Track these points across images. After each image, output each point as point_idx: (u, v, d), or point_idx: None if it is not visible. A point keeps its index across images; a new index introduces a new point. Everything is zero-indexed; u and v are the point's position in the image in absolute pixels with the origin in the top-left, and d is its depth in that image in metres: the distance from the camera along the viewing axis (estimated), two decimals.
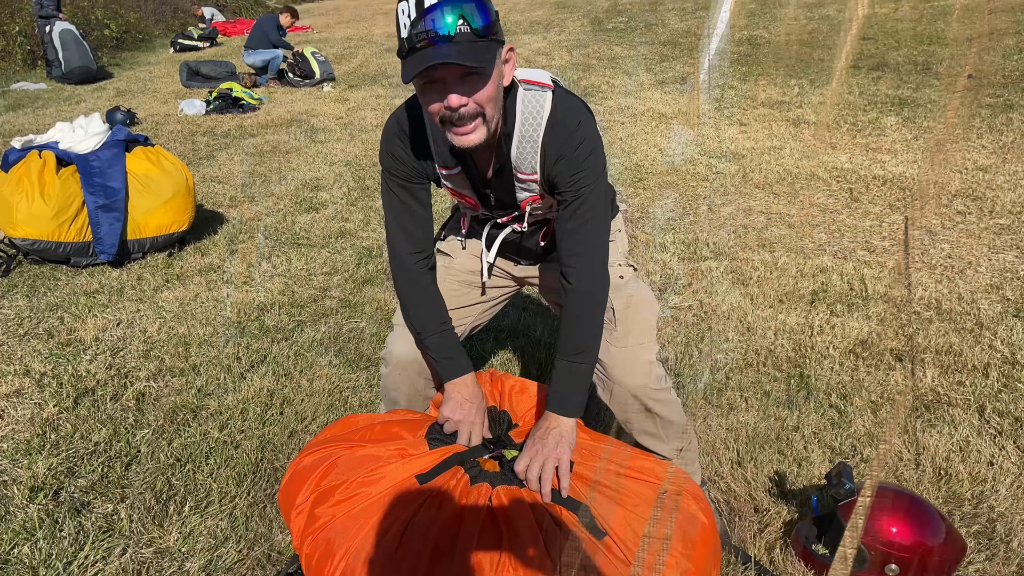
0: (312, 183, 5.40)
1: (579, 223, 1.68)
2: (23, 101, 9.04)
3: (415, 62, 1.44)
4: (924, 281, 3.45)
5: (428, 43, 1.42)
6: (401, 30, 1.47)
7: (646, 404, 1.88)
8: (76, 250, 3.80)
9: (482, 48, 1.45)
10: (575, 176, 1.65)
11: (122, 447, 2.44)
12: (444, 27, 1.41)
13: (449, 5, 1.41)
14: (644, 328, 1.89)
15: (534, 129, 1.64)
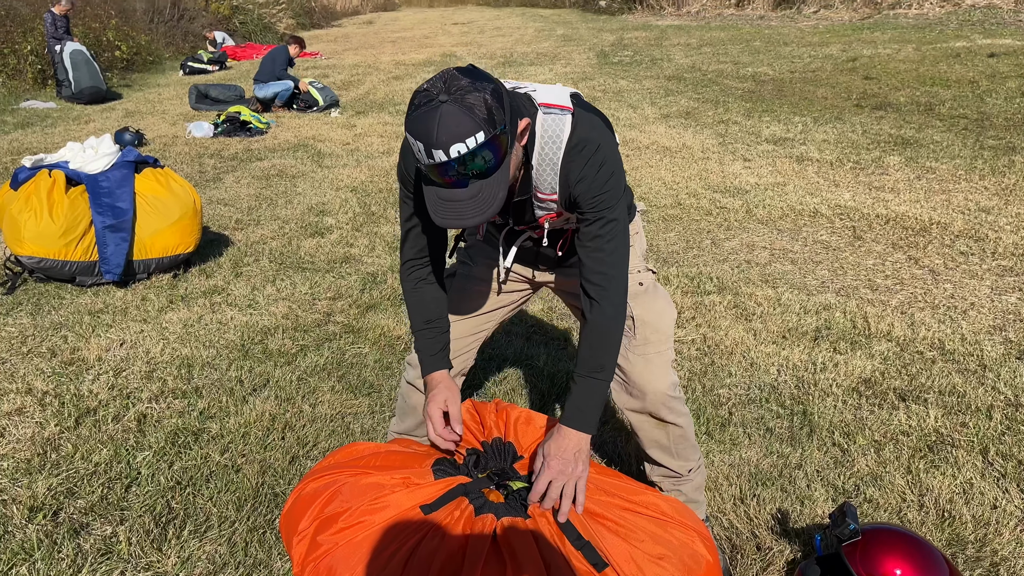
0: (318, 208, 5.43)
1: (601, 243, 1.70)
2: (32, 119, 9.12)
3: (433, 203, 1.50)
4: (927, 321, 3.46)
5: (444, 181, 1.46)
6: (415, 154, 1.46)
7: (659, 413, 1.95)
8: (82, 269, 3.81)
9: (494, 183, 1.48)
10: (596, 198, 1.67)
11: (122, 468, 2.43)
12: (458, 178, 1.44)
13: (460, 163, 1.41)
14: (662, 336, 1.95)
15: (554, 152, 1.65)
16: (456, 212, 1.48)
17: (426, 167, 1.45)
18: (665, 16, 21.91)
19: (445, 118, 1.37)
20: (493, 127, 1.41)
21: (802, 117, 7.94)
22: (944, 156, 6.13)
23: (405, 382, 2.15)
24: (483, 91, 1.40)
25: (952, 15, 15.91)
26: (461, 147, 1.39)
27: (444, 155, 1.40)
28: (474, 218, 1.48)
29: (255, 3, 21.35)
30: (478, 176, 1.45)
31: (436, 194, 1.49)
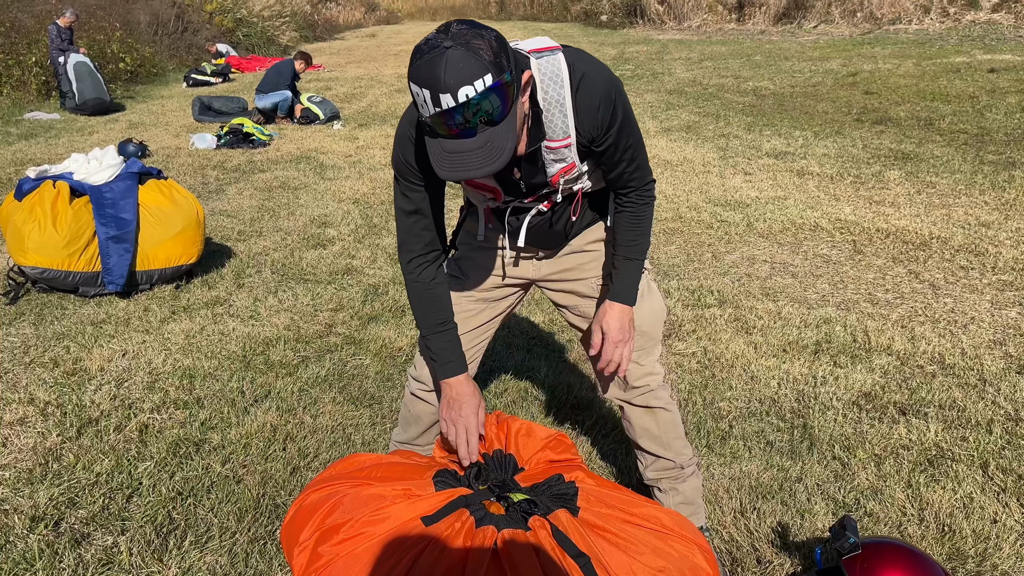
0: (320, 219, 5.45)
1: (628, 163, 1.78)
2: (36, 130, 9.16)
3: (439, 156, 1.47)
4: (927, 335, 3.47)
5: (451, 131, 1.43)
6: (419, 107, 1.44)
7: (647, 402, 2.04)
8: (85, 280, 3.82)
9: (503, 131, 1.45)
10: (615, 123, 1.69)
11: (124, 479, 2.44)
12: (465, 127, 1.41)
13: (467, 108, 1.39)
14: (654, 340, 2.04)
15: (557, 91, 1.63)
16: (463, 163, 1.44)
17: (432, 117, 1.41)
18: (666, 30, 22.02)
19: (451, 62, 1.35)
20: (500, 71, 1.39)
21: (803, 131, 7.97)
22: (944, 171, 6.15)
23: (409, 393, 2.15)
24: (487, 37, 1.40)
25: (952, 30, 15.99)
26: (469, 90, 1.36)
27: (452, 99, 1.37)
28: (481, 168, 1.44)
29: (259, 16, 21.47)
30: (486, 123, 1.42)
31: (441, 146, 1.46)
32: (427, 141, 1.49)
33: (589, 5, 26.95)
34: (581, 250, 2.01)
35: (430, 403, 2.11)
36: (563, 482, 1.78)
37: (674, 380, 3.12)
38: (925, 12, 17.82)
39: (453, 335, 1.93)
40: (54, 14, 12.75)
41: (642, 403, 2.04)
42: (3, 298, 3.88)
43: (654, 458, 2.10)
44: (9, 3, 13.40)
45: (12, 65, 11.52)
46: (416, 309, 1.93)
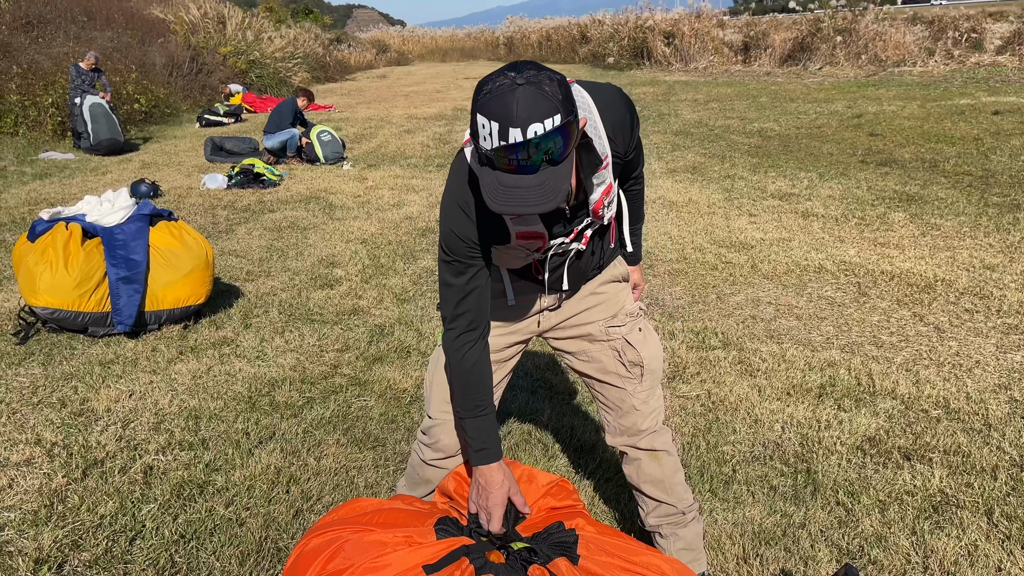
0: (328, 260, 5.50)
1: (639, 159, 1.98)
2: (51, 170, 9.31)
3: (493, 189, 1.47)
4: (932, 379, 3.46)
5: (511, 167, 1.44)
6: (480, 139, 1.44)
7: (652, 444, 2.07)
8: (94, 320, 3.87)
9: (561, 172, 1.47)
10: (635, 131, 1.83)
11: (127, 521, 2.45)
12: (526, 164, 1.43)
13: (534, 146, 1.40)
14: (658, 376, 2.10)
15: (593, 120, 1.70)
16: (520, 199, 1.45)
17: (494, 151, 1.42)
18: (673, 72, 22.30)
19: (523, 98, 1.37)
20: (568, 113, 1.42)
21: (808, 173, 8.03)
22: (949, 213, 6.18)
23: (419, 459, 2.12)
24: (555, 79, 1.43)
25: (957, 73, 16.15)
26: (539, 127, 1.38)
27: (520, 135, 1.38)
28: (536, 206, 1.45)
29: (271, 58, 21.85)
30: (548, 162, 1.44)
31: (497, 179, 1.46)
32: (482, 173, 1.50)
33: (596, 47, 27.37)
34: (593, 293, 2.06)
35: (444, 469, 2.09)
36: (563, 530, 1.79)
37: (678, 423, 3.12)
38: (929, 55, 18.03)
39: (491, 420, 1.88)
40: (72, 56, 13.04)
41: (647, 446, 2.06)
42: (13, 338, 3.93)
43: (656, 503, 2.10)
44: (27, 45, 13.71)
45: (29, 106, 11.74)
46: (456, 389, 1.89)
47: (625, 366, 2.04)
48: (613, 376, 2.06)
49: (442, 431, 2.05)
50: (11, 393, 3.37)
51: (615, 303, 2.07)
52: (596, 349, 2.07)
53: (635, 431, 2.06)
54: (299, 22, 32.32)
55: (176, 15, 20.58)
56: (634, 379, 2.04)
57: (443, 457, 2.08)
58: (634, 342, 2.04)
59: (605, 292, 2.07)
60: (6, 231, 6.35)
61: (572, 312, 2.07)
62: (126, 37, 16.94)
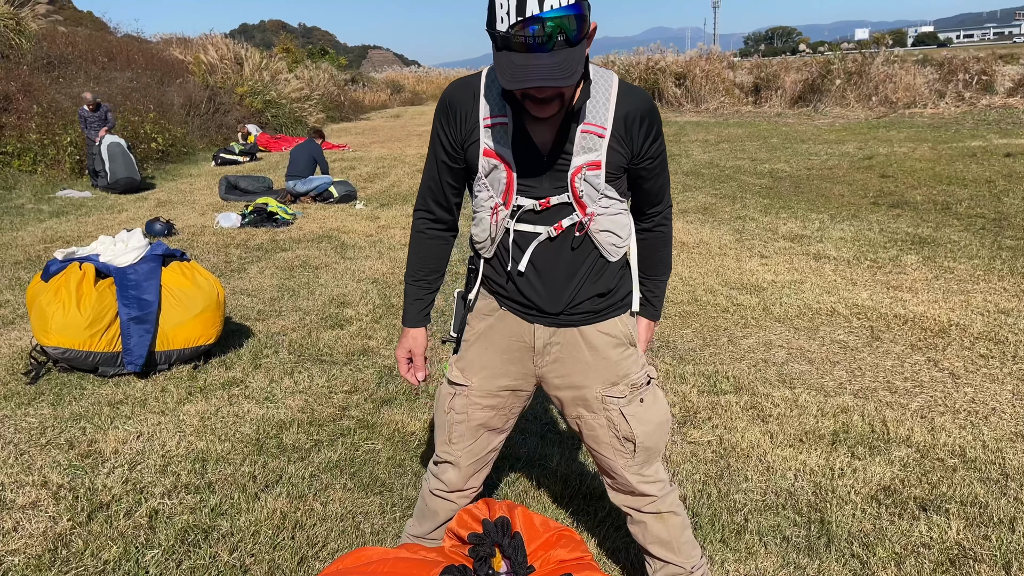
0: (339, 299, 5.51)
1: (659, 180, 1.91)
2: (67, 208, 9.42)
3: (509, 68, 1.50)
4: (948, 426, 3.41)
5: (525, 47, 1.47)
6: (497, 21, 1.49)
7: (657, 507, 2.03)
8: (105, 360, 3.88)
9: (576, 55, 1.51)
10: (657, 138, 1.82)
11: (131, 567, 2.42)
12: (544, 40, 1.46)
13: (551, 19, 1.45)
14: (657, 452, 2.03)
15: (606, 86, 1.74)
16: (537, 73, 1.48)
17: (511, 27, 1.46)
18: (684, 112, 22.48)
19: None
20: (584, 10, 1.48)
21: (819, 214, 8.02)
22: (962, 256, 6.15)
23: (427, 490, 2.16)
24: None
25: (968, 115, 16.19)
26: (555, 1, 1.44)
27: (538, 6, 1.43)
28: (551, 79, 1.48)
29: (287, 98, 22.19)
30: (564, 41, 1.47)
31: (511, 59, 1.50)
32: (498, 56, 1.53)
33: None
34: (593, 350, 1.91)
35: (449, 501, 2.11)
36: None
37: (688, 470, 3.08)
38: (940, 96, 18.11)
39: (429, 291, 2.05)
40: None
41: (652, 510, 2.03)
42: (24, 377, 3.94)
43: (663, 563, 2.06)
44: (48, 85, 13.99)
45: (48, 144, 11.94)
46: (410, 256, 2.05)
47: (618, 439, 1.95)
48: (606, 447, 1.98)
49: (448, 467, 2.10)
50: (20, 434, 3.37)
51: (617, 371, 1.93)
52: (590, 417, 1.97)
53: (638, 494, 2.02)
54: (315, 63, 32.86)
55: (195, 56, 20.97)
56: (627, 454, 1.96)
57: (448, 491, 2.11)
58: (630, 416, 1.93)
59: (608, 357, 1.92)
60: (21, 269, 6.41)
61: (569, 370, 1.94)
62: (145, 78, 17.27)
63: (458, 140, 1.81)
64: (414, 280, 2.04)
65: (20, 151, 11.69)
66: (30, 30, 15.79)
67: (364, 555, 1.93)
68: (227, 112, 18.60)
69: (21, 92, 12.94)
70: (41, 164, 11.71)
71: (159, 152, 13.73)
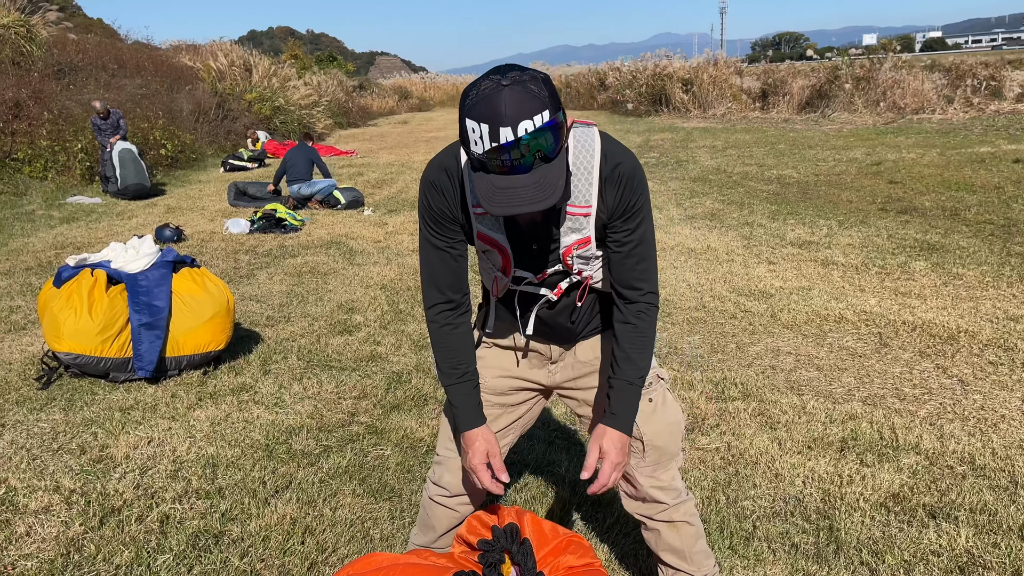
0: (347, 305, 5.54)
1: (639, 247, 1.75)
2: (78, 214, 9.48)
3: (490, 192, 1.47)
4: (957, 434, 3.41)
5: (504, 169, 1.45)
6: (471, 144, 1.45)
7: (670, 516, 2.01)
8: (116, 366, 3.91)
9: (556, 169, 1.48)
10: (637, 204, 1.71)
11: (143, 572, 2.44)
12: (519, 163, 1.43)
13: (526, 143, 1.41)
14: (670, 455, 2.01)
15: (588, 160, 1.67)
16: (517, 197, 1.45)
17: (486, 153, 1.43)
18: (691, 118, 22.49)
19: (510, 98, 1.38)
20: (556, 109, 1.43)
21: (827, 220, 8.01)
22: (971, 262, 6.13)
23: (427, 498, 2.14)
24: (538, 78, 1.44)
25: (976, 120, 16.16)
26: (529, 124, 1.39)
27: (512, 134, 1.39)
28: (534, 203, 1.45)
29: (296, 104, 22.29)
30: (541, 159, 1.44)
31: (492, 183, 1.46)
32: (476, 178, 1.49)
33: (615, 94, 27.67)
34: (597, 353, 1.99)
35: (449, 508, 2.10)
36: None
37: (697, 477, 3.08)
38: (948, 102, 18.07)
39: (472, 386, 1.91)
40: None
41: (664, 518, 2.02)
42: (36, 383, 3.97)
43: (674, 571, 2.06)
44: (58, 92, 14.09)
45: (59, 151, 12.02)
46: (437, 355, 1.91)
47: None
48: None
49: (445, 468, 2.06)
50: (32, 439, 3.40)
51: None
52: (599, 419, 1.97)
53: (650, 500, 2.01)
54: (323, 69, 33.00)
55: (204, 63, 21.10)
56: (636, 454, 1.97)
57: (447, 495, 2.08)
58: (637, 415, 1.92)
59: None
60: (32, 274, 6.46)
61: (579, 372, 2.02)
62: (155, 84, 17.38)
63: (449, 219, 1.78)
64: (458, 378, 1.89)
65: (31, 157, 11.77)
66: (41, 37, 15.92)
67: (374, 560, 1.94)
68: (236, 119, 18.69)
69: (32, 99, 13.04)
70: (52, 170, 11.80)
71: (168, 158, 13.81)
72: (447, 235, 1.79)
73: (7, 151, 11.65)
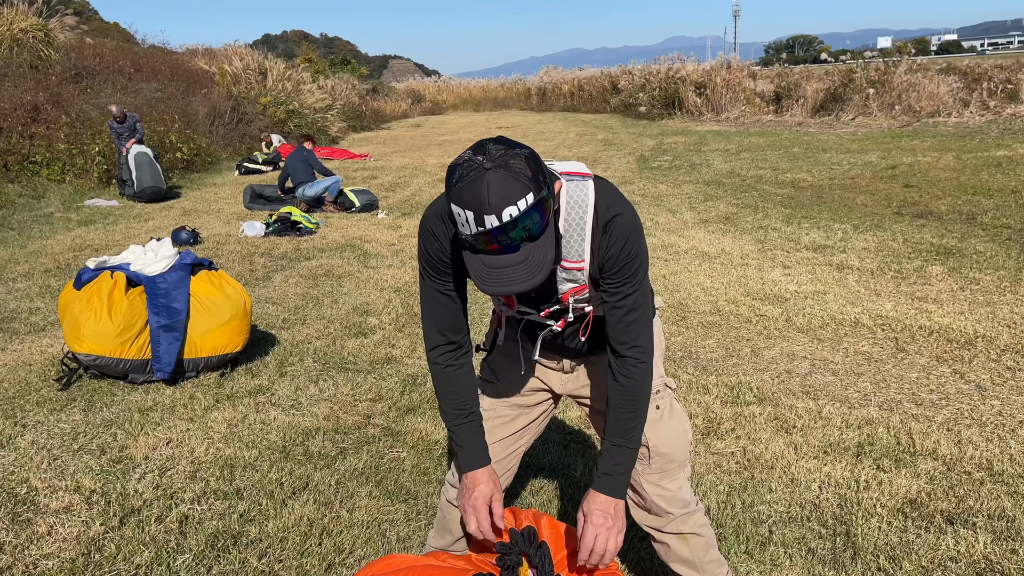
0: (362, 308, 5.56)
1: (631, 312, 1.73)
2: (95, 217, 9.57)
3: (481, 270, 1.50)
4: (975, 439, 3.39)
5: (492, 247, 1.47)
6: (458, 226, 1.47)
7: (679, 528, 1.99)
8: (135, 367, 3.94)
9: (544, 245, 1.50)
10: (628, 265, 1.69)
11: (163, 572, 2.46)
12: (508, 242, 1.45)
13: (512, 229, 1.43)
14: (677, 464, 2.00)
15: (580, 217, 1.67)
16: (507, 277, 1.48)
17: (473, 236, 1.45)
18: (704, 121, 22.43)
19: (494, 183, 1.39)
20: (540, 188, 1.44)
21: (842, 224, 7.98)
22: (988, 267, 6.10)
23: (445, 500, 2.16)
24: (521, 156, 1.44)
25: (992, 124, 16.03)
26: (513, 210, 1.40)
27: (496, 220, 1.40)
28: (525, 283, 1.47)
29: (310, 108, 22.39)
30: (528, 239, 1.46)
31: (483, 262, 1.49)
32: (467, 256, 1.52)
33: (628, 97, 27.65)
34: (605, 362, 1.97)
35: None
36: None
37: (712, 481, 3.08)
38: (964, 105, 17.95)
39: (477, 426, 1.92)
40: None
41: (673, 530, 2.01)
42: (56, 384, 4.01)
43: None
44: (76, 96, 14.22)
45: (76, 154, 12.13)
46: (441, 397, 1.92)
47: None
48: None
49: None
50: (53, 439, 3.43)
51: None
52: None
53: (658, 511, 2.00)
54: (337, 73, 33.15)
55: (219, 67, 21.23)
56: (642, 459, 1.97)
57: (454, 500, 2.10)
58: None
59: None
60: (51, 276, 6.53)
61: (588, 382, 2.05)
62: (171, 88, 17.51)
63: (448, 264, 1.79)
64: (464, 419, 1.90)
65: (49, 160, 11.89)
66: (58, 41, 16.08)
67: (393, 562, 1.95)
68: (250, 122, 18.80)
69: (50, 102, 13.17)
70: (69, 173, 11.91)
71: (184, 162, 13.91)
72: (446, 279, 1.81)
73: (26, 154, 11.77)
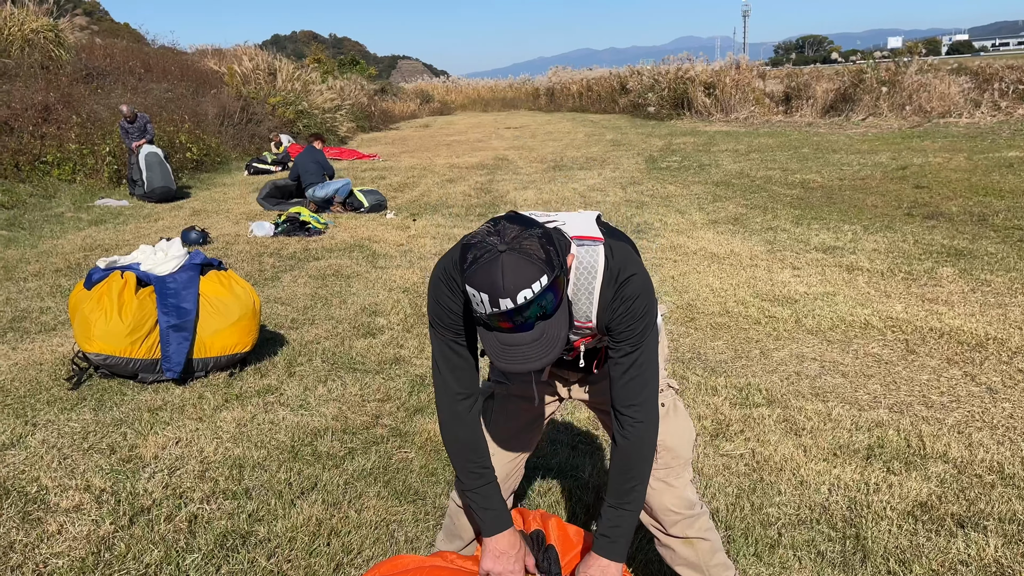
0: (370, 308, 5.57)
1: (635, 373, 1.74)
2: (106, 216, 9.61)
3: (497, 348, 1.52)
4: (985, 442, 3.37)
5: (507, 325, 1.48)
6: (474, 305, 1.49)
7: (684, 532, 1.97)
8: (144, 367, 3.96)
9: (557, 322, 1.52)
10: (633, 328, 1.71)
11: (172, 571, 2.47)
12: (523, 322, 1.47)
13: (527, 309, 1.45)
14: (682, 460, 2.00)
15: (588, 282, 1.69)
16: (522, 355, 1.50)
17: (488, 316, 1.47)
18: (713, 122, 22.38)
19: (508, 267, 1.41)
20: (553, 270, 1.45)
21: (852, 225, 7.95)
22: (999, 268, 6.06)
23: (454, 505, 2.15)
24: (535, 236, 1.46)
25: (1004, 124, 15.94)
26: (527, 292, 1.42)
27: (511, 303, 1.42)
28: (540, 360, 1.51)
29: (319, 108, 22.45)
30: (542, 318, 1.48)
31: (498, 339, 1.51)
32: (482, 332, 1.55)
33: (637, 97, 27.61)
34: None
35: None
36: None
37: (721, 483, 3.07)
38: (976, 106, 17.85)
39: (495, 486, 1.90)
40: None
41: (678, 533, 1.99)
42: (66, 383, 4.03)
43: None
44: (87, 96, 14.30)
45: (87, 154, 12.19)
46: (455, 457, 1.89)
47: None
48: None
49: None
50: (63, 438, 3.45)
51: None
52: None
53: (663, 511, 1.98)
54: (345, 73, 33.21)
55: (228, 67, 21.31)
56: None
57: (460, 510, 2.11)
58: None
59: None
60: (62, 276, 6.56)
61: (594, 388, 2.09)
62: (180, 88, 17.58)
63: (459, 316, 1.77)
64: (483, 481, 1.87)
65: (60, 160, 11.95)
66: (69, 42, 16.17)
67: (401, 563, 1.96)
68: (260, 122, 18.86)
69: (61, 103, 13.24)
70: (80, 173, 11.96)
71: (193, 162, 13.97)
72: (457, 329, 1.79)
73: (37, 154, 11.84)
